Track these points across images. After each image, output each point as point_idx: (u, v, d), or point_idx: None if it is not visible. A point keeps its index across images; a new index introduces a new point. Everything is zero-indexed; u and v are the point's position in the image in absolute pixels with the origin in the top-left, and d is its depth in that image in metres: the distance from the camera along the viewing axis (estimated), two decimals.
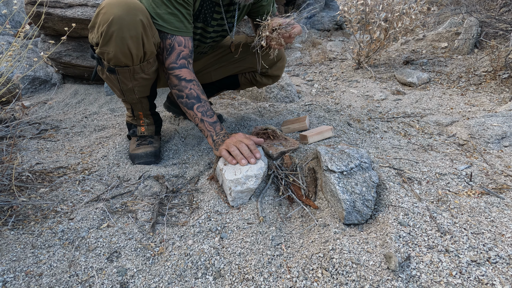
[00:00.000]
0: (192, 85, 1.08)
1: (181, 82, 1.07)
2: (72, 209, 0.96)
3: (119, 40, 0.96)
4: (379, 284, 0.67)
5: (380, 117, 1.61)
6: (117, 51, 0.98)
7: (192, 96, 1.08)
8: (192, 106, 1.08)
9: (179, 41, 1.07)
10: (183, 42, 1.07)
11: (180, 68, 1.07)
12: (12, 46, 1.17)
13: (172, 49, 1.07)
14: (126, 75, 1.09)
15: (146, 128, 1.35)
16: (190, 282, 0.73)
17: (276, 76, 1.48)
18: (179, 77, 1.07)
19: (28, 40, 2.53)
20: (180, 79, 1.07)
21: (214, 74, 1.50)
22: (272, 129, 1.30)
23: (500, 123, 1.28)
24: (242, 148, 1.02)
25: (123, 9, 0.94)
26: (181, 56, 1.08)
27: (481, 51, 2.30)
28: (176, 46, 1.07)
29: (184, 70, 1.08)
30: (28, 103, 2.11)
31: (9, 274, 0.73)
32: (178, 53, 1.07)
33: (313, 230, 0.87)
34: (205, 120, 1.09)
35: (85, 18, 2.00)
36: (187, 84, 1.07)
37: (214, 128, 1.10)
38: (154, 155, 1.28)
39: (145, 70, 1.10)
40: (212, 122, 1.10)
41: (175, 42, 1.06)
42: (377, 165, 1.05)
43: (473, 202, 0.88)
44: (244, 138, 1.06)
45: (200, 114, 1.09)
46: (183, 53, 1.08)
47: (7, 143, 1.29)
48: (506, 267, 0.68)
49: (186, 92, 1.08)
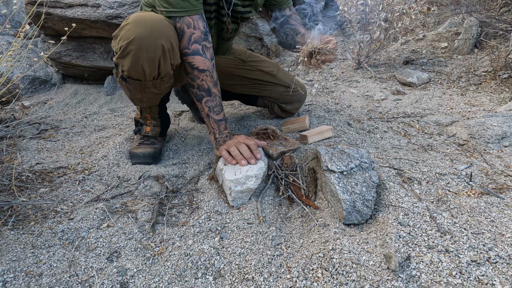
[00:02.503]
0: (204, 75, 1.03)
1: (193, 71, 1.03)
2: (72, 209, 0.96)
3: (134, 59, 0.96)
4: (379, 284, 0.67)
5: (380, 117, 1.61)
6: (130, 67, 0.99)
7: (202, 88, 1.04)
8: (201, 99, 1.05)
9: (188, 23, 1.00)
10: (191, 23, 1.01)
11: (193, 54, 1.02)
12: (12, 46, 1.17)
13: (183, 32, 1.01)
14: (137, 87, 1.09)
15: (151, 129, 1.34)
16: (190, 282, 0.73)
17: (291, 113, 1.57)
18: (192, 65, 1.03)
19: (28, 40, 2.53)
20: (193, 68, 1.03)
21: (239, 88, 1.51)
22: (272, 129, 1.30)
23: (500, 123, 1.28)
24: (242, 148, 1.01)
25: (147, 31, 0.93)
26: (193, 40, 1.01)
27: (481, 51, 2.30)
28: (186, 29, 1.01)
29: (198, 57, 1.02)
30: (28, 103, 2.11)
31: (9, 274, 0.73)
32: (189, 36, 1.01)
33: (313, 230, 0.87)
34: (211, 116, 1.07)
35: (85, 18, 2.00)
36: (199, 74, 1.03)
37: (219, 126, 1.08)
38: (153, 156, 1.28)
39: (157, 86, 1.09)
40: (217, 120, 1.08)
41: (184, 24, 1.00)
42: (377, 165, 1.05)
43: (473, 202, 0.88)
44: (245, 139, 1.05)
45: (208, 109, 1.06)
46: (194, 36, 1.01)
47: (7, 143, 1.29)
48: (506, 267, 0.68)
49: (197, 82, 1.04)
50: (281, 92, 1.46)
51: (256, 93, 1.52)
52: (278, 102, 1.51)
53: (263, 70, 1.45)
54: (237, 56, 1.47)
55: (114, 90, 2.36)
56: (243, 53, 1.49)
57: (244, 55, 1.48)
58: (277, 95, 1.47)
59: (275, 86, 1.46)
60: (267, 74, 1.45)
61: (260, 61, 1.48)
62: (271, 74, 1.45)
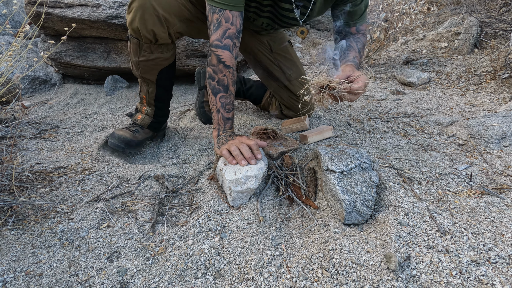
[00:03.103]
0: (228, 72, 1.04)
1: (219, 64, 1.03)
2: (72, 209, 0.96)
3: (133, 16, 1.09)
4: (379, 284, 0.67)
5: (380, 117, 1.61)
6: (129, 22, 1.11)
7: (222, 83, 1.05)
8: (217, 93, 1.06)
9: (227, 17, 1.01)
10: (230, 18, 1.02)
11: (223, 49, 1.03)
12: (12, 46, 1.17)
13: (219, 24, 1.02)
14: (135, 47, 1.18)
15: (142, 117, 1.35)
16: (190, 282, 0.73)
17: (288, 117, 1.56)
18: (219, 59, 1.03)
19: (28, 40, 2.53)
20: (220, 61, 1.03)
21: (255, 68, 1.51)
22: (272, 129, 1.30)
23: (500, 123, 1.28)
24: (243, 148, 1.01)
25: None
26: (227, 35, 1.02)
27: (481, 51, 2.30)
28: (223, 22, 1.02)
29: (227, 53, 1.03)
30: (28, 103, 2.11)
31: (9, 274, 0.73)
32: (224, 30, 1.02)
33: (313, 230, 0.87)
34: (221, 112, 1.07)
35: (85, 18, 2.00)
36: (223, 69, 1.04)
37: (225, 124, 1.08)
38: (127, 143, 1.28)
39: (153, 51, 1.17)
40: (226, 118, 1.08)
41: (223, 17, 1.01)
42: (377, 165, 1.05)
43: (473, 202, 0.88)
44: (247, 139, 1.05)
45: (220, 104, 1.06)
46: (229, 31, 1.02)
47: (7, 143, 1.29)
48: (506, 267, 0.68)
49: (219, 76, 1.04)
50: (288, 96, 1.47)
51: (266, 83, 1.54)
52: (283, 103, 1.52)
53: (283, 69, 1.44)
54: (271, 41, 1.44)
55: (114, 90, 2.36)
56: (278, 41, 1.45)
57: (278, 44, 1.44)
58: (285, 97, 1.48)
59: (285, 89, 1.47)
60: (283, 75, 1.45)
61: (287, 59, 1.46)
62: (288, 78, 1.45)
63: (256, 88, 1.66)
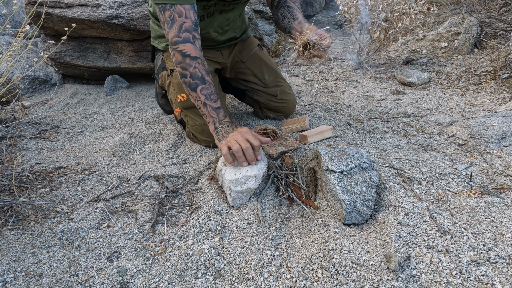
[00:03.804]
0: (196, 63, 1.01)
1: (185, 59, 1.00)
2: (72, 209, 0.96)
3: None
4: (379, 284, 0.67)
5: (380, 117, 1.61)
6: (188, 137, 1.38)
7: (196, 76, 1.01)
8: (196, 88, 1.02)
9: (179, 12, 0.99)
10: (183, 12, 0.99)
11: (184, 42, 1.00)
12: (12, 46, 1.17)
13: (173, 20, 0.99)
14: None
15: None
16: (190, 282, 0.73)
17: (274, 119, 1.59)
18: (184, 53, 0.99)
19: (28, 40, 2.53)
20: (185, 55, 1.00)
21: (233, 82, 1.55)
22: (272, 129, 1.30)
23: (500, 123, 1.28)
24: (246, 150, 0.96)
25: None
26: (184, 28, 0.99)
27: (481, 51, 2.30)
28: (177, 18, 0.99)
29: (189, 45, 1.00)
30: (28, 103, 2.11)
31: (9, 274, 0.73)
32: (179, 24, 0.99)
33: (313, 230, 0.87)
34: (208, 104, 1.02)
35: (85, 18, 2.00)
36: (191, 62, 1.00)
37: (218, 114, 1.04)
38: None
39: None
40: (215, 108, 1.03)
41: (175, 13, 0.99)
42: (377, 165, 1.05)
43: (473, 202, 0.88)
44: (251, 136, 0.98)
45: (204, 97, 1.02)
46: (185, 25, 0.99)
47: (7, 143, 1.29)
48: (506, 267, 0.68)
49: (190, 70, 1.01)
50: (267, 99, 1.49)
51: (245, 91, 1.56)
52: (263, 106, 1.54)
53: (257, 76, 1.48)
54: (238, 53, 1.47)
55: (114, 90, 2.36)
56: (247, 49, 1.48)
57: (247, 53, 1.47)
58: (264, 100, 1.51)
59: (263, 92, 1.50)
60: (259, 81, 1.49)
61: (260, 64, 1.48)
62: (264, 83, 1.48)
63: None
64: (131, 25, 2.03)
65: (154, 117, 1.79)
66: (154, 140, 1.48)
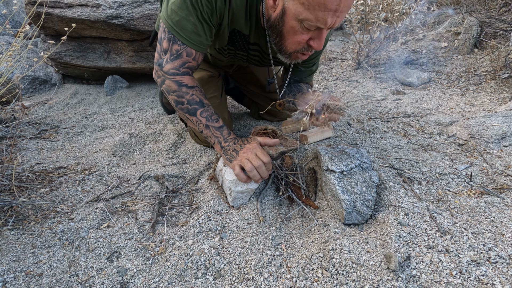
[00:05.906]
0: (194, 91, 1.00)
1: (181, 88, 0.99)
2: (72, 209, 0.96)
3: None
4: (379, 284, 0.67)
5: (380, 117, 1.61)
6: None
7: (194, 102, 1.00)
8: (195, 112, 1.00)
9: (189, 52, 0.98)
10: (193, 54, 0.99)
11: (182, 75, 0.99)
12: (12, 46, 1.17)
13: (178, 56, 0.98)
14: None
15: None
16: (190, 282, 0.73)
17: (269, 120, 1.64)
18: (180, 83, 0.99)
19: (28, 40, 2.53)
20: (181, 85, 0.99)
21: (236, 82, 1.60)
22: (272, 129, 1.30)
23: (500, 123, 1.28)
24: (259, 168, 0.92)
25: None
26: (186, 66, 0.99)
27: (481, 51, 2.30)
28: (184, 56, 0.98)
29: (187, 77, 1.00)
30: (28, 103, 2.11)
31: (9, 274, 0.73)
32: (183, 62, 0.98)
33: (313, 230, 0.87)
34: (211, 125, 1.01)
35: (85, 18, 2.00)
36: (188, 90, 0.99)
37: (221, 133, 1.02)
38: None
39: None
40: (218, 127, 1.02)
41: (184, 51, 0.98)
42: (377, 165, 1.05)
43: (473, 202, 0.88)
44: (260, 152, 0.94)
45: (205, 119, 1.01)
46: (189, 64, 1.00)
47: (7, 143, 1.29)
48: (506, 267, 0.68)
49: (187, 98, 0.99)
50: (267, 103, 1.51)
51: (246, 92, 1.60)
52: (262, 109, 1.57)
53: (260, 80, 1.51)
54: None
55: (114, 90, 2.36)
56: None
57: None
58: (263, 103, 1.54)
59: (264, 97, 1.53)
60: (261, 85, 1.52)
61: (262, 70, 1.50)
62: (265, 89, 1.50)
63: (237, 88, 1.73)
64: (131, 25, 2.03)
65: (154, 117, 1.79)
66: (154, 140, 1.48)
